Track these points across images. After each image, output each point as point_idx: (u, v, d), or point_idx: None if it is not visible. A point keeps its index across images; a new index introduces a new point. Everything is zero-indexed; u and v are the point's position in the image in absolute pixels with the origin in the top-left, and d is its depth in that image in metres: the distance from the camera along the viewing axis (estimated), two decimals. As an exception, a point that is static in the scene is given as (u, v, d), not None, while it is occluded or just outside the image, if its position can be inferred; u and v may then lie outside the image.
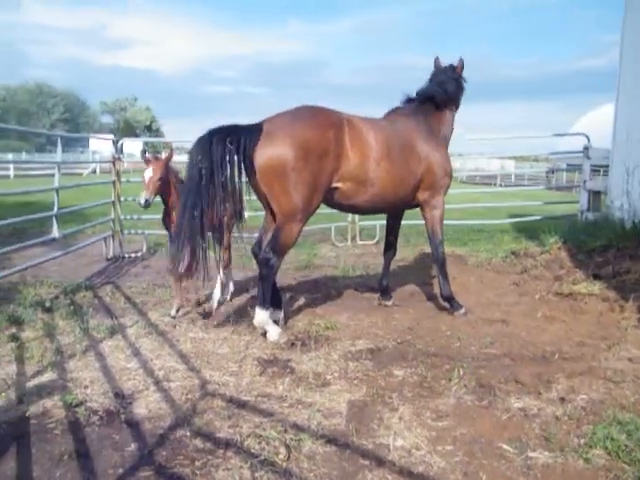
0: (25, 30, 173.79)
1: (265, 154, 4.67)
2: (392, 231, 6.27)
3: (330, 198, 5.16)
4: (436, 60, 6.19)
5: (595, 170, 12.79)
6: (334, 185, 5.04)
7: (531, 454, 3.11)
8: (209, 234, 4.81)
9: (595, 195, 9.84)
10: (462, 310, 5.77)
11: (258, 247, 5.18)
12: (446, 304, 5.92)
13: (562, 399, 3.79)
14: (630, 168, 8.10)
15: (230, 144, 4.61)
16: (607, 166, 9.45)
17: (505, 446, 3.20)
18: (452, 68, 6.12)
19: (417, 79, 6.18)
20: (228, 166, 4.66)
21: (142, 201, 5.17)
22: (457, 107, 6.22)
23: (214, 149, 4.58)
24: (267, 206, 5.04)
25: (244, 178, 4.83)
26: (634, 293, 5.79)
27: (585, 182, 9.96)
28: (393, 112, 5.91)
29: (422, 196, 5.69)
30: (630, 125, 8.35)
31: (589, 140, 10.16)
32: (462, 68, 6.16)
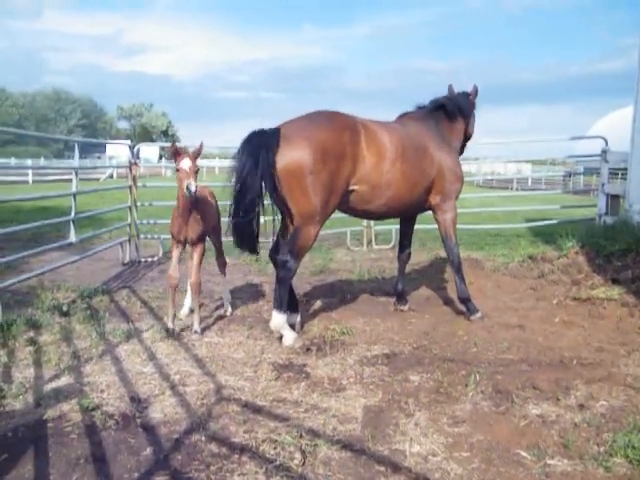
0: (44, 38, 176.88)
1: (284, 158, 4.72)
2: (406, 235, 6.27)
3: (346, 202, 5.17)
4: (450, 87, 6.29)
5: (613, 173, 12.64)
6: (351, 188, 5.05)
7: (549, 461, 3.07)
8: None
9: (613, 199, 9.70)
10: (478, 314, 5.72)
11: (275, 251, 5.20)
12: (463, 307, 5.88)
13: (581, 406, 3.73)
14: (649, 171, 7.98)
15: (252, 153, 4.74)
16: (626, 169, 9.33)
17: (523, 453, 3.16)
18: (465, 94, 6.27)
19: (431, 83, 6.26)
20: (255, 173, 4.77)
21: (193, 188, 4.78)
22: (467, 130, 6.26)
23: (245, 161, 4.77)
24: (283, 210, 5.06)
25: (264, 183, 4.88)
26: (654, 298, 5.71)
27: (603, 185, 9.84)
28: (404, 116, 5.96)
29: (434, 200, 5.71)
30: (649, 128, 8.23)
31: (607, 143, 10.04)
32: (476, 94, 6.29)
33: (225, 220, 5.43)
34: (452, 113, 6.03)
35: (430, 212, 5.99)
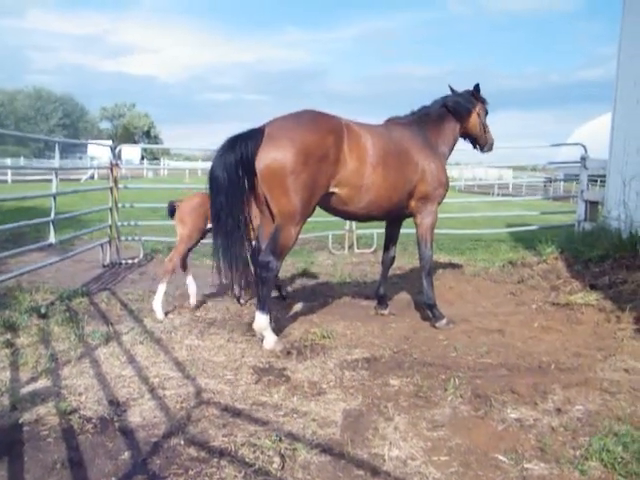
0: (29, 36, 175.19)
1: (267, 157, 4.73)
2: (391, 239, 6.26)
3: (327, 203, 5.19)
4: (450, 88, 6.32)
5: (592, 180, 12.84)
6: (331, 190, 5.07)
7: (527, 465, 3.10)
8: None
9: (592, 205, 9.86)
10: (444, 321, 5.70)
11: (257, 252, 5.20)
12: (428, 313, 5.87)
13: (558, 410, 3.78)
14: (627, 179, 8.13)
15: (235, 154, 4.74)
16: (604, 176, 9.47)
17: (501, 457, 3.19)
18: (458, 94, 6.27)
19: (416, 88, 6.30)
20: (236, 176, 4.78)
21: None
22: (462, 127, 6.23)
23: (225, 166, 4.75)
24: (263, 211, 5.06)
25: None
26: (630, 303, 5.79)
27: (582, 192, 9.99)
28: (390, 121, 5.96)
29: (415, 204, 5.70)
30: (627, 136, 8.38)
31: (586, 150, 10.19)
32: (476, 91, 6.29)
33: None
34: (439, 117, 6.05)
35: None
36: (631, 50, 8.46)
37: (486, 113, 6.42)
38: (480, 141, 6.44)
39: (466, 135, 6.42)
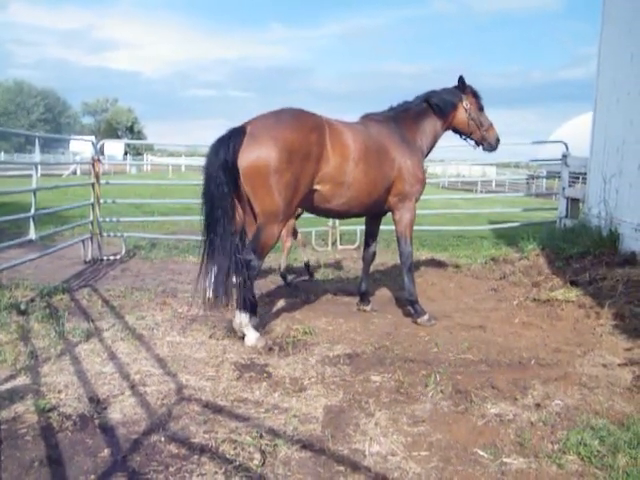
0: (11, 30, 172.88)
1: (250, 156, 4.70)
2: (371, 235, 6.27)
3: (308, 201, 5.18)
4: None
5: (574, 178, 12.97)
6: (314, 187, 5.07)
7: (505, 460, 3.13)
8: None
9: (573, 202, 9.96)
10: (425, 317, 5.72)
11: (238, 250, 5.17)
12: (410, 309, 5.89)
13: (537, 405, 3.82)
14: (607, 176, 8.23)
15: (218, 158, 4.71)
16: (585, 174, 9.58)
17: (480, 452, 3.22)
18: (454, 87, 6.20)
19: (400, 86, 6.27)
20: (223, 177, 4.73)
21: None
22: (445, 122, 6.17)
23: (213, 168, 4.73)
24: (246, 209, 5.04)
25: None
26: (609, 300, 5.87)
27: (564, 189, 10.09)
28: (366, 117, 5.95)
29: (393, 200, 5.73)
30: (607, 134, 8.49)
31: (567, 148, 10.29)
32: (463, 86, 6.18)
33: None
34: (417, 114, 6.02)
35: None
36: (610, 51, 8.56)
37: (480, 108, 6.27)
38: (475, 137, 6.33)
39: (456, 131, 6.38)
